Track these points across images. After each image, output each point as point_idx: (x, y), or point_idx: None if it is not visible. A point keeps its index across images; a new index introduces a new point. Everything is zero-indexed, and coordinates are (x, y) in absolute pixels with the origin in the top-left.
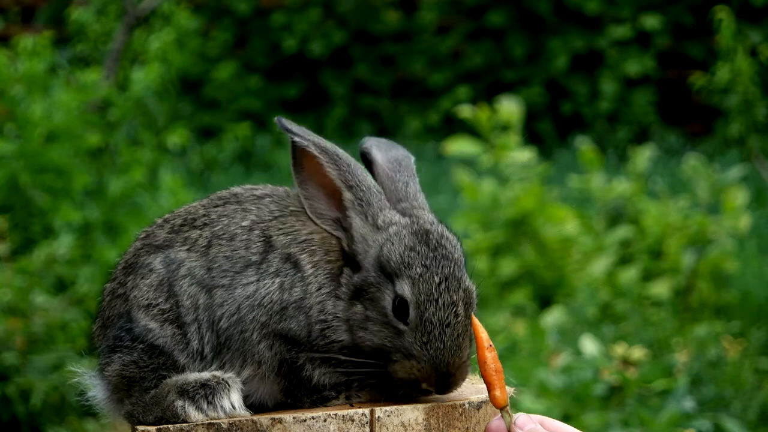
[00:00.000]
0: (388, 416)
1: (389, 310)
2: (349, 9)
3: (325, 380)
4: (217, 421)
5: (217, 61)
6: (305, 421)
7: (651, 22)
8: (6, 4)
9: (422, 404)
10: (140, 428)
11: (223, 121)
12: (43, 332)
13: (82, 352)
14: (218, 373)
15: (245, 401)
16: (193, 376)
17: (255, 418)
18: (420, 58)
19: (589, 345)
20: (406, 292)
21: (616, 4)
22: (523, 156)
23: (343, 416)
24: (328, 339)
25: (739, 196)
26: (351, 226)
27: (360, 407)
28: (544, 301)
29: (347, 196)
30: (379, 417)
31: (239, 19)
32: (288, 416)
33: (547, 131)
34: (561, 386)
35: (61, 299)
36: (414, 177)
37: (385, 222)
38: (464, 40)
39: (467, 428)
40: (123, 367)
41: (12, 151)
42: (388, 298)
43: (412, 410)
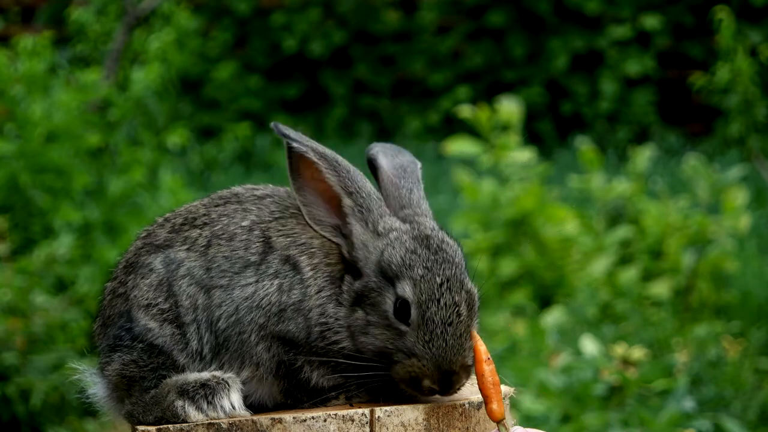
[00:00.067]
0: (388, 416)
1: (390, 313)
2: (349, 9)
3: (324, 382)
4: (217, 421)
5: (217, 61)
6: (305, 421)
7: (651, 22)
8: (6, 4)
9: (422, 404)
10: (140, 428)
11: (223, 121)
12: (43, 332)
13: (83, 351)
14: (218, 373)
15: (245, 402)
16: (193, 376)
17: (255, 418)
18: (420, 58)
19: (589, 345)
20: (408, 292)
21: (616, 4)
22: (523, 156)
23: (343, 416)
24: (328, 341)
25: (739, 196)
26: (351, 233)
27: (360, 407)
28: (544, 301)
29: (347, 202)
30: (379, 417)
31: (239, 19)
32: (288, 416)
33: (547, 131)
34: (561, 386)
35: (61, 299)
36: (419, 183)
37: (385, 228)
38: (464, 40)
39: (467, 428)
40: (123, 367)
41: (12, 151)
42: (389, 301)
43: (412, 410)
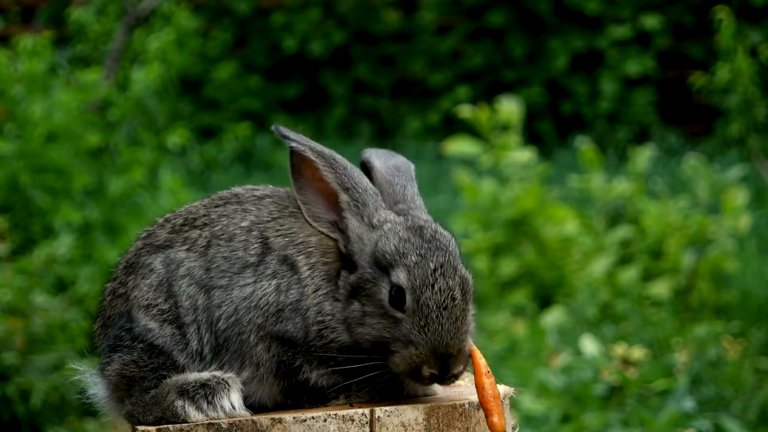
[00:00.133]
0: (388, 416)
1: (386, 301)
2: (349, 9)
3: (323, 382)
4: (217, 421)
5: (217, 61)
6: (305, 421)
7: (651, 22)
8: (6, 4)
9: (422, 404)
10: (140, 428)
11: (223, 121)
12: (43, 332)
13: (83, 351)
14: (218, 373)
15: (245, 402)
16: (193, 376)
17: (255, 418)
18: (420, 58)
19: (589, 345)
20: (402, 279)
21: (616, 4)
22: (523, 156)
23: (343, 416)
24: (326, 339)
25: (739, 196)
26: (347, 227)
27: (360, 407)
28: (544, 301)
29: (343, 197)
30: (379, 417)
31: (239, 19)
32: (288, 416)
33: (547, 131)
34: (561, 386)
35: (61, 299)
36: (412, 181)
37: (380, 221)
38: (464, 40)
39: (467, 428)
40: (123, 367)
41: (12, 151)
42: (384, 290)
43: (412, 410)
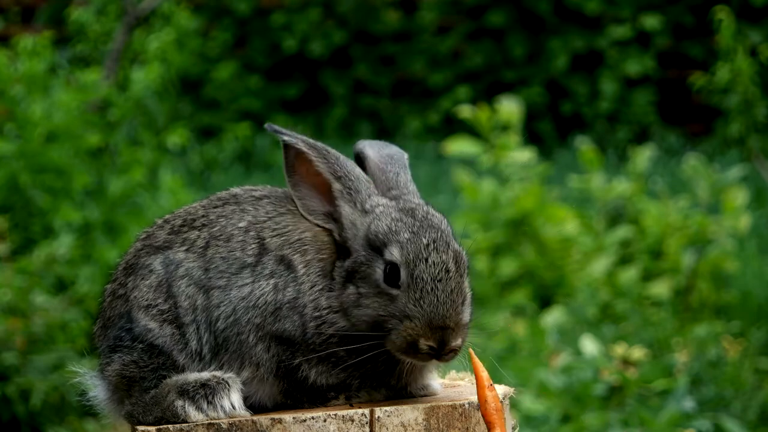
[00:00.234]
0: (388, 416)
1: (381, 280)
2: (349, 9)
3: (322, 381)
4: (217, 421)
5: (217, 61)
6: (305, 421)
7: (651, 22)
8: (6, 4)
9: (422, 404)
10: (140, 428)
11: (223, 121)
12: (43, 332)
13: (83, 351)
14: (218, 373)
15: (245, 402)
16: (193, 376)
17: (255, 418)
18: (420, 58)
19: (589, 345)
20: (395, 255)
21: (616, 4)
22: (523, 156)
23: (343, 416)
24: (324, 335)
25: (739, 196)
26: (341, 215)
27: (360, 407)
28: (544, 301)
29: (336, 186)
30: (379, 417)
31: (239, 19)
32: (288, 416)
33: (547, 131)
34: (561, 386)
35: (61, 299)
36: (405, 169)
37: (372, 206)
38: (464, 40)
39: (467, 428)
40: (123, 367)
41: (12, 151)
42: (378, 270)
43: (411, 410)
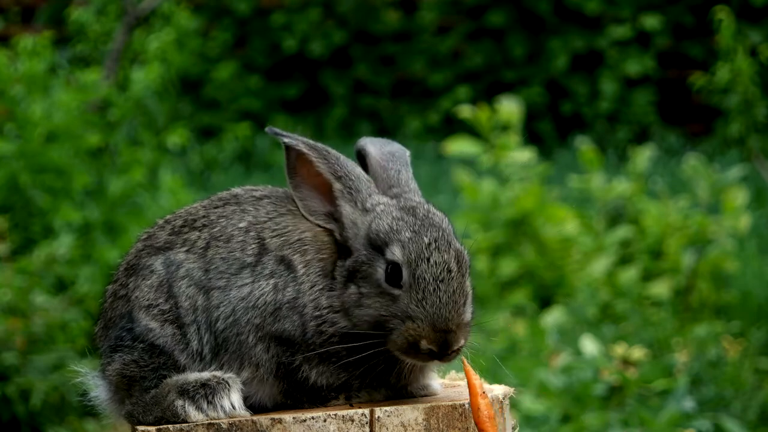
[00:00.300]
0: (388, 416)
1: (382, 280)
2: (349, 9)
3: (322, 381)
4: (217, 421)
5: (217, 61)
6: (305, 421)
7: (651, 22)
8: (6, 4)
9: (422, 404)
10: (140, 428)
11: (223, 121)
12: (43, 332)
13: (83, 351)
14: (218, 373)
15: (245, 403)
16: (194, 376)
17: (255, 418)
18: (420, 58)
19: (589, 345)
20: (397, 254)
21: (616, 4)
22: (523, 156)
23: (343, 416)
24: (324, 335)
25: (739, 196)
26: (341, 214)
27: (360, 407)
28: (544, 301)
29: (337, 186)
30: (379, 417)
31: (239, 19)
32: (288, 416)
33: (547, 131)
34: (561, 386)
35: (61, 299)
36: (407, 166)
37: (372, 204)
38: (464, 40)
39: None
40: (124, 367)
41: (12, 151)
42: (380, 269)
43: (411, 410)
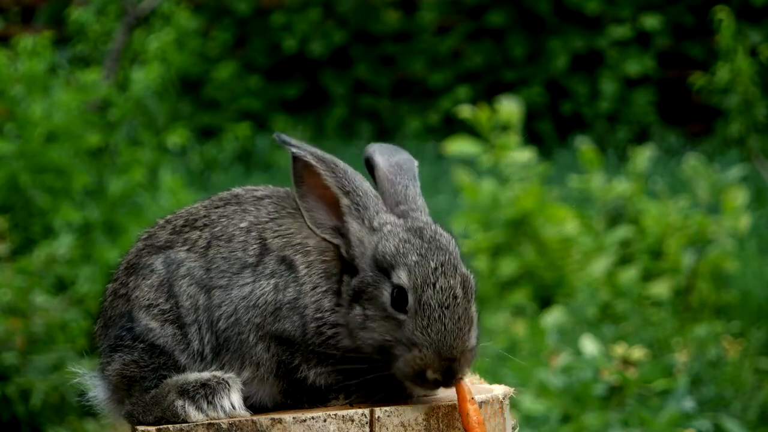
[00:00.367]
0: (388, 416)
1: (388, 304)
2: (349, 9)
3: (321, 381)
4: (217, 421)
5: (217, 61)
6: (305, 421)
7: (651, 22)
8: (6, 4)
9: (422, 404)
10: (140, 428)
11: (223, 121)
12: (43, 332)
13: (83, 351)
14: (218, 373)
15: (245, 403)
16: (194, 376)
17: (255, 418)
18: (420, 58)
19: (589, 345)
20: (403, 279)
21: (616, 4)
22: (523, 156)
23: (343, 416)
24: (324, 336)
25: (739, 196)
26: (348, 231)
27: (360, 407)
28: (544, 301)
29: (344, 201)
30: (379, 417)
31: (239, 19)
32: (288, 416)
33: (547, 131)
34: (561, 386)
35: (61, 299)
36: (415, 180)
37: (380, 224)
38: (464, 40)
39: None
40: (123, 367)
41: (12, 151)
42: (385, 293)
43: (412, 410)
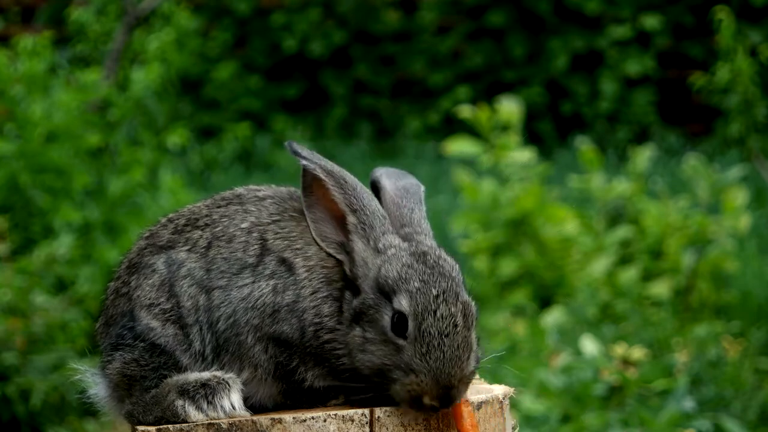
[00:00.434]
0: (388, 416)
1: (388, 328)
2: (349, 9)
3: (319, 383)
4: (217, 421)
5: (217, 61)
6: (305, 421)
7: (651, 22)
8: (6, 4)
9: None
10: (140, 428)
11: (223, 121)
12: (43, 332)
13: (83, 351)
14: (219, 373)
15: (245, 403)
16: (194, 376)
17: (255, 418)
18: (420, 58)
19: (589, 345)
20: (404, 305)
21: (616, 4)
22: (523, 156)
23: (343, 416)
24: (321, 340)
25: (739, 196)
26: (353, 249)
27: (360, 407)
28: (544, 301)
29: (351, 219)
30: (379, 417)
31: (239, 19)
32: (288, 416)
33: (547, 131)
34: (561, 386)
35: (61, 299)
36: (420, 204)
37: (385, 246)
38: (464, 40)
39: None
40: (124, 365)
41: (12, 151)
42: (386, 317)
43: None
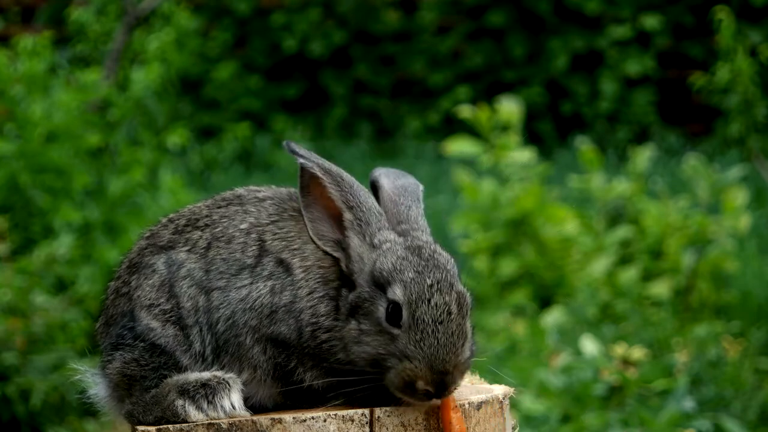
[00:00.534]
0: (388, 416)
1: (383, 319)
2: (349, 9)
3: (318, 383)
4: (217, 421)
5: (217, 61)
6: (305, 421)
7: (651, 22)
8: (6, 4)
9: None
10: (140, 428)
11: (223, 121)
12: (43, 332)
13: (83, 351)
14: (219, 373)
15: (245, 403)
16: (194, 376)
17: (255, 418)
18: (420, 58)
19: (589, 345)
20: (398, 294)
21: (616, 4)
22: (523, 156)
23: (343, 416)
24: (318, 340)
25: (739, 196)
26: (349, 245)
27: (360, 407)
28: (544, 301)
29: (347, 216)
30: (379, 417)
31: (239, 19)
32: (288, 416)
33: (547, 131)
34: (561, 386)
35: (61, 299)
36: (418, 202)
37: (380, 241)
38: (464, 40)
39: (467, 428)
40: (124, 365)
41: (12, 151)
42: (381, 308)
43: (411, 410)
